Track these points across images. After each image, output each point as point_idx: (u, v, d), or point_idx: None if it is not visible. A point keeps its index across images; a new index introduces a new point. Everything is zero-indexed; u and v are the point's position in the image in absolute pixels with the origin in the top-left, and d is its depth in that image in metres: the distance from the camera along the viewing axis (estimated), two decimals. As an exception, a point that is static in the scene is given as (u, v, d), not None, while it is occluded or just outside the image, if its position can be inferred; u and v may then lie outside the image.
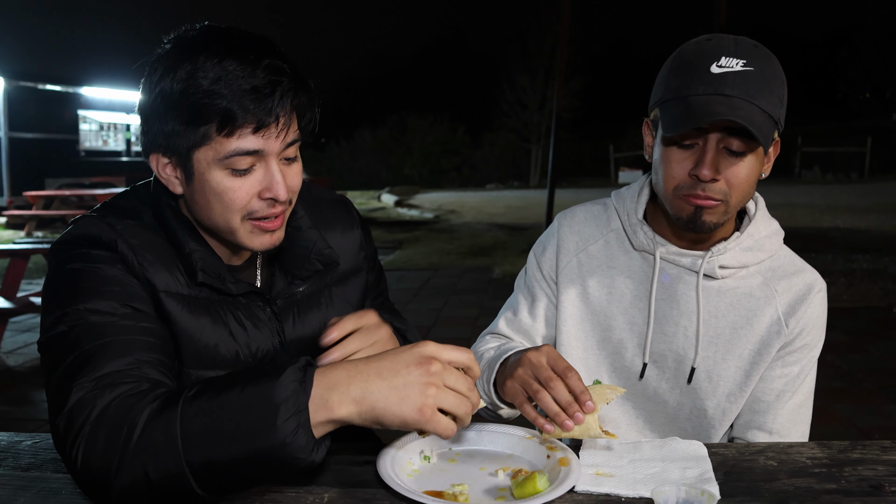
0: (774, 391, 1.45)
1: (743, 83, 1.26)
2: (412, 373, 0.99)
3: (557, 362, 1.21)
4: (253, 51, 1.11)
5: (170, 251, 1.22)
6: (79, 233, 1.19)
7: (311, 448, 0.97)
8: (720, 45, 1.30)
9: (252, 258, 1.35)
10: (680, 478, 1.12)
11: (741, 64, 1.27)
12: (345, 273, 1.42)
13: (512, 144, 35.33)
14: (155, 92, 1.12)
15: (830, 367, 4.93)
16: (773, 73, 1.30)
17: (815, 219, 13.84)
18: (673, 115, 1.30)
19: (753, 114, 1.25)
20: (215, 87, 1.08)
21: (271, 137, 1.13)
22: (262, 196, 1.16)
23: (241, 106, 1.09)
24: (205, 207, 1.18)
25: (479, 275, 8.84)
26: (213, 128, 1.10)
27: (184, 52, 1.11)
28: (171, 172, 1.18)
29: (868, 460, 1.19)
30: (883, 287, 7.52)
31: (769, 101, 1.28)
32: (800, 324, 1.43)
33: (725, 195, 1.32)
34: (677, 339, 1.46)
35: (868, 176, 29.40)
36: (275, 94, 1.10)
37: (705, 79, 1.27)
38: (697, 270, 1.43)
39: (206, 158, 1.13)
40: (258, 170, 1.15)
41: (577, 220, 1.58)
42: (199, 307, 1.23)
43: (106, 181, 16.48)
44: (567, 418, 1.17)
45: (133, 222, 1.22)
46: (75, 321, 1.10)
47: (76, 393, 1.03)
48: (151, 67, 1.14)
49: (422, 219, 16.73)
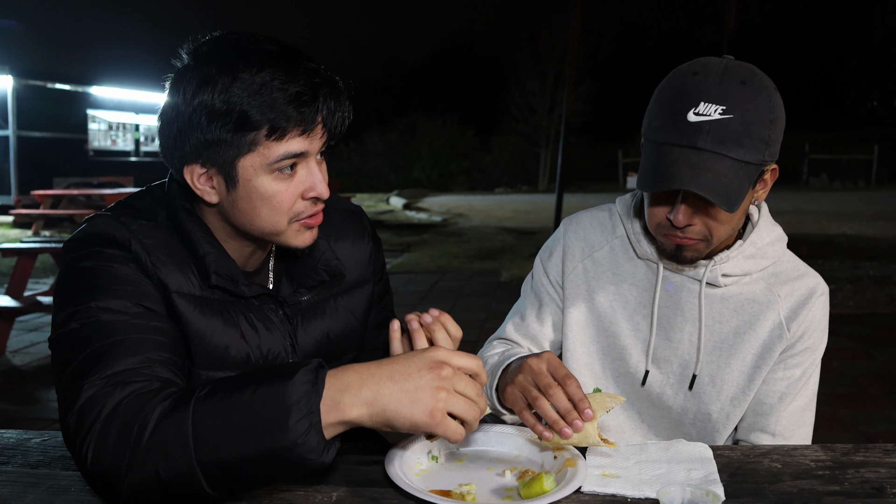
0: (777, 393, 1.46)
1: (718, 133, 1.25)
2: (423, 377, 1.00)
3: (558, 369, 1.22)
4: (288, 58, 1.14)
5: (183, 252, 1.23)
6: (93, 231, 1.20)
7: (323, 449, 0.98)
8: (703, 85, 1.27)
9: (265, 263, 1.36)
10: (685, 479, 1.13)
11: (719, 111, 1.25)
12: (351, 284, 1.43)
13: (521, 148, 35.34)
14: (193, 105, 1.12)
15: (836, 373, 4.93)
16: (756, 115, 1.27)
17: (822, 226, 13.80)
18: (644, 169, 1.33)
19: (722, 171, 1.25)
20: (261, 96, 1.10)
21: (315, 138, 1.16)
22: (306, 196, 1.19)
23: (286, 113, 1.11)
24: (249, 213, 1.19)
25: (486, 278, 8.84)
26: (262, 134, 1.12)
27: (220, 64, 1.12)
28: (206, 183, 1.19)
29: (871, 463, 1.20)
30: (889, 294, 7.51)
31: (747, 150, 1.26)
32: (801, 327, 1.45)
33: (705, 235, 1.35)
34: (682, 346, 1.48)
35: (875, 183, 29.30)
36: (317, 98, 1.14)
37: (681, 127, 1.27)
38: (700, 279, 1.45)
39: (252, 165, 1.15)
40: (300, 171, 1.18)
41: (583, 227, 1.60)
42: (212, 308, 1.23)
43: (114, 181, 16.52)
44: (565, 426, 1.18)
45: (147, 223, 1.22)
46: (87, 319, 1.11)
47: (87, 390, 1.03)
48: (183, 80, 1.14)
49: (430, 222, 16.75)
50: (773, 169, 1.38)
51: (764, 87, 1.29)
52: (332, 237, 1.40)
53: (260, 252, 1.32)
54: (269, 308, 1.30)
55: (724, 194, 1.25)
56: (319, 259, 1.35)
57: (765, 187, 1.40)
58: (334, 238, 1.41)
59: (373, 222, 1.54)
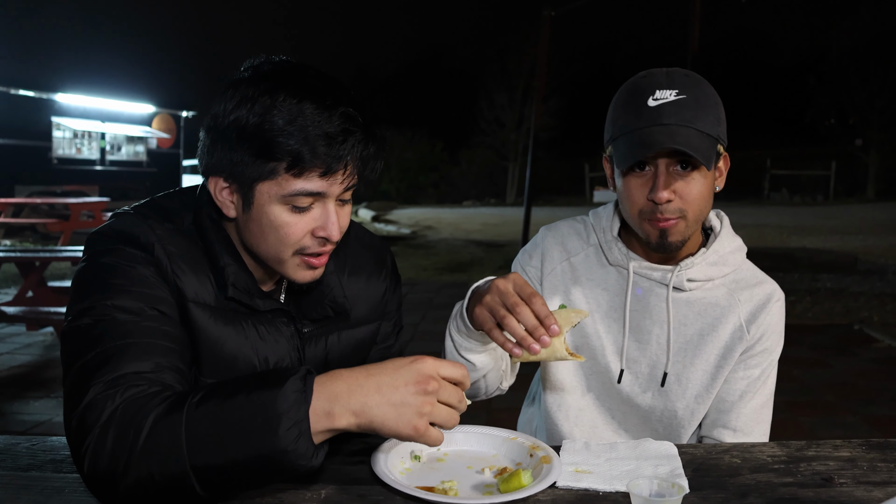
0: (738, 392, 1.55)
1: (678, 111, 1.38)
2: (410, 391, 1.03)
3: (524, 288, 1.24)
4: (330, 95, 1.13)
5: (203, 260, 1.23)
6: (119, 228, 1.20)
7: (312, 455, 1.01)
8: (653, 80, 1.42)
9: (278, 287, 1.35)
10: (653, 473, 1.20)
11: (674, 94, 1.39)
12: (358, 320, 1.41)
13: (489, 162, 35.43)
14: (229, 119, 1.13)
15: (795, 381, 5.07)
16: (706, 97, 1.42)
17: (782, 239, 14.11)
18: (622, 151, 1.43)
19: (691, 136, 1.37)
20: (291, 128, 1.10)
21: (336, 182, 1.15)
22: (316, 234, 1.19)
23: (313, 150, 1.11)
24: (258, 236, 1.20)
25: (456, 290, 8.89)
26: (283, 166, 1.12)
27: (263, 86, 1.12)
28: (227, 196, 1.19)
29: (821, 457, 1.29)
30: (845, 305, 7.73)
31: (705, 123, 1.39)
32: (760, 330, 1.53)
33: (682, 212, 1.43)
34: (650, 348, 1.56)
35: (833, 198, 30.03)
36: (347, 142, 1.13)
37: (644, 113, 1.39)
38: (667, 284, 1.54)
39: (269, 192, 1.15)
40: (316, 209, 1.18)
41: (561, 233, 1.68)
42: (225, 318, 1.24)
43: (78, 190, 16.24)
44: (533, 342, 1.21)
45: (172, 226, 1.22)
46: (101, 316, 1.11)
47: (91, 392, 1.04)
48: (231, 90, 1.15)
49: (399, 234, 16.71)
50: (725, 156, 1.50)
51: (704, 80, 1.45)
52: (346, 271, 1.39)
53: (275, 273, 1.31)
54: (280, 322, 1.30)
55: (698, 151, 1.37)
56: (327, 295, 1.34)
57: (721, 175, 1.51)
58: (348, 272, 1.40)
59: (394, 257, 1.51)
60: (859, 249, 12.10)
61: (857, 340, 6.35)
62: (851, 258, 10.70)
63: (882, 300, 7.98)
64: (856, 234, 15.18)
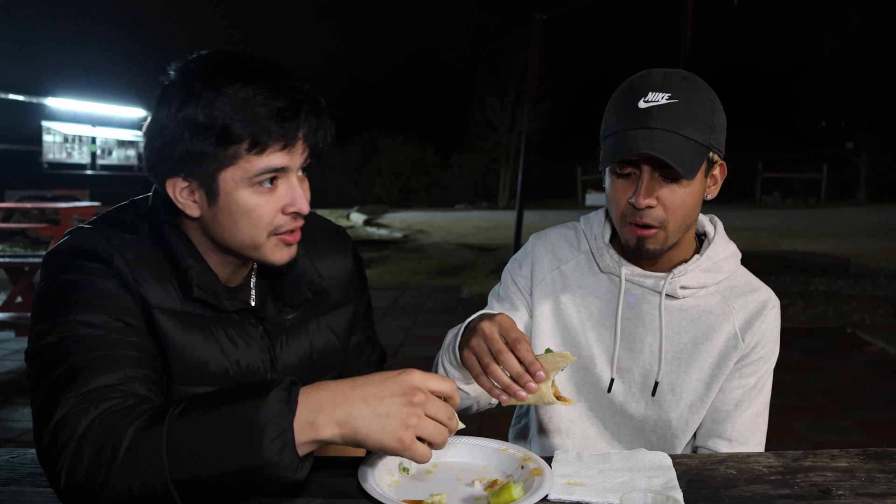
0: (733, 401, 1.53)
1: (667, 115, 1.36)
2: (395, 402, 1.02)
3: (509, 332, 1.23)
4: (271, 75, 1.16)
5: (165, 267, 1.23)
6: (75, 244, 1.20)
7: (296, 467, 1.00)
8: (649, 80, 1.40)
9: (247, 280, 1.36)
10: (646, 486, 1.17)
11: (666, 97, 1.37)
12: (333, 303, 1.43)
13: (481, 165, 35.47)
14: (178, 119, 1.14)
15: (788, 385, 5.07)
16: (700, 102, 1.39)
17: (774, 242, 14.16)
18: (605, 152, 1.42)
19: (674, 143, 1.35)
20: (243, 110, 1.12)
21: (296, 154, 1.18)
22: (286, 211, 1.20)
23: (267, 127, 1.13)
24: (229, 227, 1.20)
25: (447, 294, 8.88)
26: (244, 148, 1.14)
27: (205, 80, 1.14)
28: (188, 197, 1.20)
29: (818, 468, 1.26)
30: (838, 308, 7.73)
31: (694, 129, 1.37)
32: (755, 338, 1.51)
33: (662, 221, 1.41)
34: (643, 356, 1.54)
35: (824, 201, 30.18)
36: (299, 114, 1.16)
37: (633, 114, 1.38)
38: (660, 291, 1.51)
39: (233, 178, 1.16)
40: (281, 185, 1.19)
41: (551, 241, 1.66)
42: (192, 323, 1.23)
43: (69, 194, 16.17)
44: (519, 389, 1.20)
45: (130, 236, 1.22)
46: (65, 333, 1.10)
47: (62, 408, 1.03)
48: (168, 95, 1.16)
49: (391, 238, 16.71)
50: (721, 165, 1.47)
51: (703, 85, 1.42)
52: (314, 256, 1.41)
53: (242, 268, 1.33)
54: (249, 323, 1.30)
55: (678, 159, 1.34)
56: (303, 278, 1.36)
57: (715, 183, 1.48)
58: (317, 257, 1.42)
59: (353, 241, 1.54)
60: (851, 252, 12.14)
61: (850, 344, 6.35)
62: (844, 261, 10.72)
63: (874, 303, 7.99)
64: (848, 237, 15.23)
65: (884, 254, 12.19)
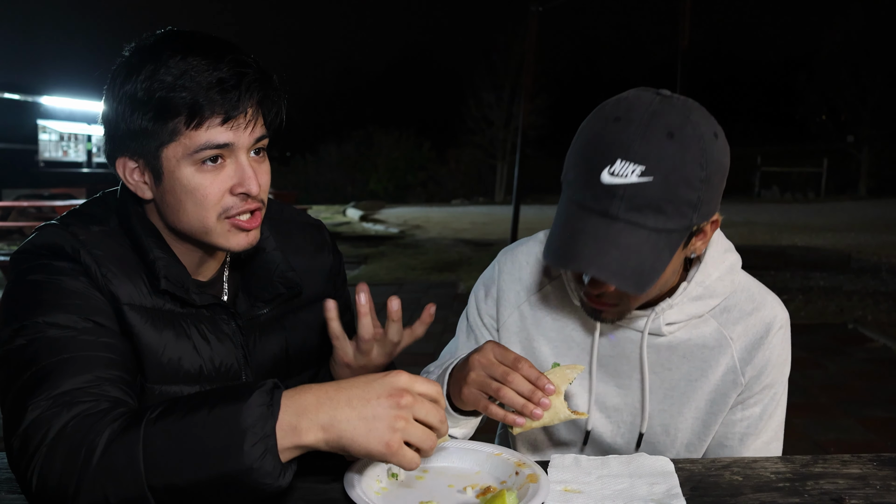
0: (737, 435, 1.39)
1: (633, 199, 1.09)
2: (382, 404, 0.98)
3: (506, 356, 1.19)
4: (215, 47, 1.13)
5: (134, 260, 1.19)
6: (41, 242, 1.16)
7: (279, 473, 0.96)
8: (623, 137, 1.10)
9: (219, 274, 1.32)
10: (648, 493, 1.12)
11: (637, 172, 1.09)
12: (311, 298, 1.38)
13: (477, 161, 35.55)
14: (119, 95, 1.11)
15: (789, 383, 5.02)
16: (682, 176, 1.10)
17: (774, 237, 14.15)
18: (552, 235, 1.19)
19: (632, 246, 1.11)
20: (181, 81, 1.08)
21: (240, 129, 1.13)
22: (234, 192, 1.15)
23: (207, 98, 1.09)
24: (176, 208, 1.16)
25: (444, 290, 8.85)
26: (182, 121, 1.09)
27: (146, 54, 1.11)
28: (138, 178, 1.17)
29: (829, 474, 1.21)
30: (838, 304, 7.70)
31: (669, 217, 1.11)
32: (756, 368, 1.35)
33: (620, 298, 1.24)
34: (632, 393, 1.39)
35: (824, 195, 30.23)
36: (240, 86, 1.11)
37: (593, 188, 1.11)
38: (642, 331, 1.34)
39: (175, 155, 1.12)
40: (229, 165, 1.14)
41: (518, 266, 1.47)
42: (163, 320, 1.20)
43: (66, 192, 16.18)
44: (535, 407, 1.16)
45: (98, 229, 1.19)
46: (34, 335, 1.07)
47: (32, 412, 1.00)
48: (114, 74, 1.14)
49: (387, 234, 16.70)
50: (713, 221, 1.23)
51: (697, 138, 1.11)
52: (289, 251, 1.37)
53: (210, 260, 1.29)
54: (221, 319, 1.27)
55: (632, 276, 1.12)
56: (275, 272, 1.32)
57: (704, 239, 1.25)
58: (292, 252, 1.37)
59: (333, 235, 1.50)
60: (852, 247, 12.12)
61: (852, 340, 6.31)
62: (844, 256, 10.69)
63: (876, 299, 7.95)
64: (848, 231, 15.21)
65: (885, 248, 12.17)
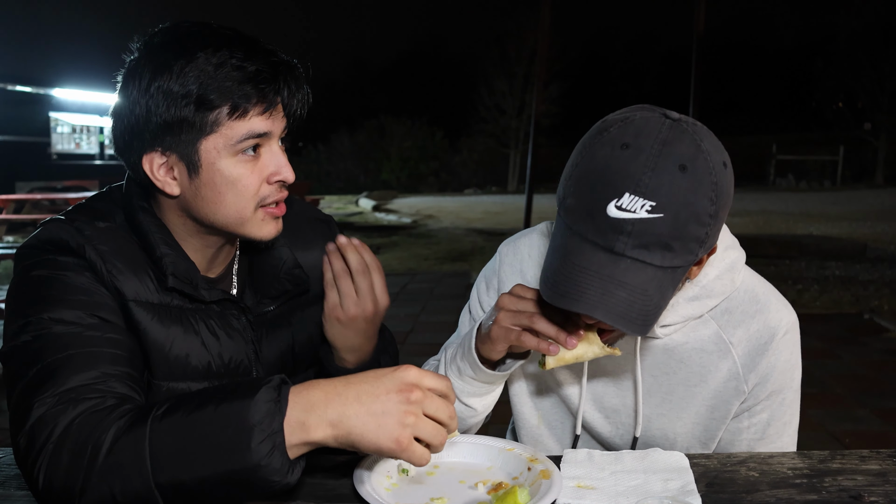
0: (745, 443, 1.33)
1: (642, 236, 1.03)
2: (391, 399, 0.97)
3: (535, 293, 1.18)
4: (243, 40, 1.13)
5: (140, 256, 1.18)
6: (46, 237, 1.15)
7: (287, 470, 0.96)
8: (632, 168, 1.03)
9: (228, 270, 1.31)
10: (662, 490, 1.11)
11: (647, 208, 1.02)
12: (318, 295, 1.34)
13: (490, 149, 35.47)
14: (150, 92, 1.09)
15: (803, 373, 4.95)
16: (693, 212, 1.03)
17: (789, 226, 14.03)
18: (549, 266, 1.12)
19: (641, 283, 1.05)
20: (222, 73, 1.09)
21: (277, 119, 1.14)
22: (271, 180, 1.16)
23: (247, 90, 1.10)
24: (213, 201, 1.15)
25: (456, 280, 8.85)
26: (225, 112, 1.10)
27: (175, 50, 1.10)
28: (166, 173, 1.15)
29: (847, 470, 1.19)
30: (854, 294, 7.63)
31: (676, 254, 1.05)
32: (759, 375, 1.29)
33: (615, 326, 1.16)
34: (629, 395, 1.36)
35: (840, 184, 29.93)
36: (277, 77, 1.12)
37: (598, 222, 1.04)
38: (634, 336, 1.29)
39: (215, 147, 1.12)
40: (264, 154, 1.15)
41: (520, 258, 1.45)
42: (170, 316, 1.19)
43: (79, 185, 16.25)
44: (570, 334, 1.14)
45: (104, 225, 1.18)
46: (39, 331, 1.07)
47: (38, 409, 1.00)
48: (136, 72, 1.11)
49: (399, 224, 16.71)
50: (713, 248, 1.16)
51: (708, 171, 1.04)
52: (298, 246, 1.35)
53: (222, 254, 1.28)
54: (231, 314, 1.26)
55: (638, 318, 1.06)
56: (282, 268, 1.31)
57: (701, 265, 1.20)
58: (301, 247, 1.36)
59: (342, 225, 1.49)
60: (869, 236, 11.98)
61: (868, 330, 6.24)
62: (861, 245, 10.57)
63: (893, 288, 7.87)
64: (865, 220, 15.05)
65: (902, 237, 12.03)
